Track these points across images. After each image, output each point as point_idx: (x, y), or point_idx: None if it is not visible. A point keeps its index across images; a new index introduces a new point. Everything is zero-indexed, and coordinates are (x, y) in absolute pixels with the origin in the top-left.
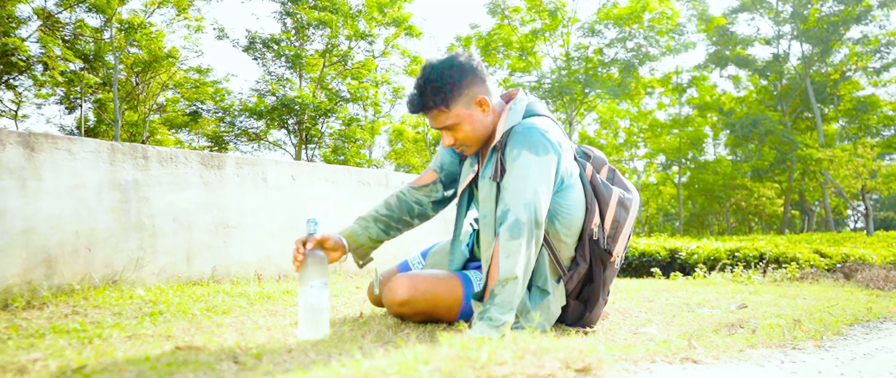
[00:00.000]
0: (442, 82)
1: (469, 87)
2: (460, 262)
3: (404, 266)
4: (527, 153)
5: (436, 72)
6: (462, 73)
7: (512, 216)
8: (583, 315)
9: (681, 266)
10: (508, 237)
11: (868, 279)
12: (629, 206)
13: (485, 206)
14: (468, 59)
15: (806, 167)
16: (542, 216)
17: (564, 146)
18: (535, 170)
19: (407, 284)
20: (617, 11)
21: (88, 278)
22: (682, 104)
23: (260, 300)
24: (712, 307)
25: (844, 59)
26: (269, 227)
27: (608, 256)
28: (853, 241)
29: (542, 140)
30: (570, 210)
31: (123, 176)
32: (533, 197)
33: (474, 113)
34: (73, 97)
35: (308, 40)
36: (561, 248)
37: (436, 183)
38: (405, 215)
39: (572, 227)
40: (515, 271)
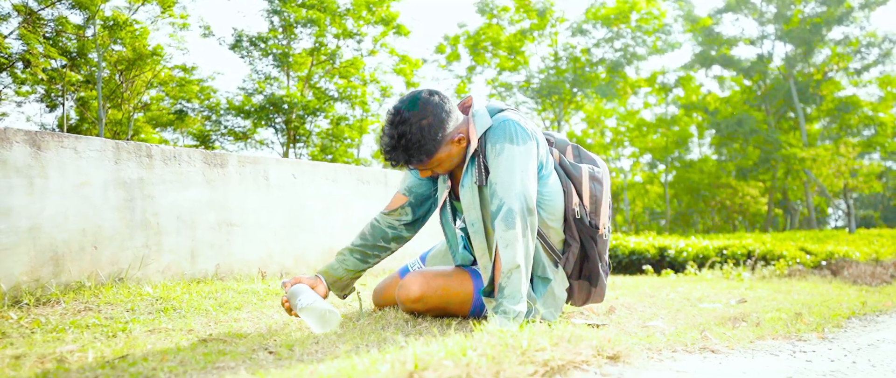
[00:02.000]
0: (421, 142)
1: (446, 133)
2: (463, 261)
3: (405, 270)
4: (509, 145)
5: (413, 130)
6: (439, 123)
7: (505, 207)
8: (590, 291)
9: (670, 263)
10: (504, 228)
11: (855, 275)
12: (601, 178)
13: (470, 214)
14: (439, 103)
15: (789, 166)
16: (532, 203)
17: (538, 134)
18: (520, 159)
19: (420, 281)
20: (605, 11)
21: (95, 275)
22: (668, 104)
23: (269, 296)
24: (713, 302)
25: (826, 60)
26: (271, 225)
27: (596, 231)
28: (836, 239)
29: (518, 130)
30: (552, 196)
31: (128, 174)
32: (521, 186)
33: (453, 150)
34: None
35: (296, 39)
36: (550, 234)
37: (404, 207)
38: (380, 242)
39: (555, 212)
40: (516, 260)
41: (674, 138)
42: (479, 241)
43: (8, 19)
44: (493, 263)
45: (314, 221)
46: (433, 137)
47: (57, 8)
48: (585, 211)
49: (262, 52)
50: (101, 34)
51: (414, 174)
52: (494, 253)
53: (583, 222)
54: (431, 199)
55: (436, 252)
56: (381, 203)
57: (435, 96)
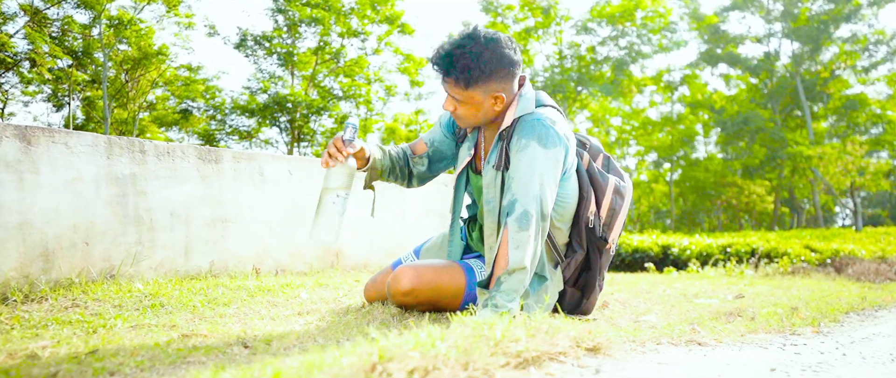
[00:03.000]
0: (474, 64)
1: (496, 80)
2: (458, 253)
3: (397, 265)
4: (535, 145)
5: (476, 50)
6: (498, 64)
7: (520, 207)
8: (580, 302)
9: (674, 261)
10: (517, 228)
11: (859, 273)
12: (625, 193)
13: (488, 192)
14: (512, 52)
15: (796, 165)
16: (548, 209)
17: (571, 140)
18: (543, 162)
19: (411, 274)
20: (610, 9)
21: (86, 272)
22: (673, 102)
23: (260, 293)
24: (710, 297)
25: (834, 58)
26: (266, 221)
27: (604, 243)
28: (842, 237)
29: (550, 132)
30: (564, 198)
31: (121, 170)
32: (540, 190)
33: (486, 103)
34: (61, 95)
35: (300, 37)
36: (556, 235)
37: (422, 157)
38: (404, 167)
39: (565, 214)
40: (524, 262)
41: (679, 137)
42: (491, 221)
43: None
44: (494, 258)
45: (311, 217)
46: (488, 69)
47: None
48: (600, 222)
49: (267, 51)
50: (107, 33)
51: (443, 131)
52: (500, 247)
53: (594, 232)
54: (447, 160)
55: (430, 245)
56: (378, 200)
57: (513, 46)
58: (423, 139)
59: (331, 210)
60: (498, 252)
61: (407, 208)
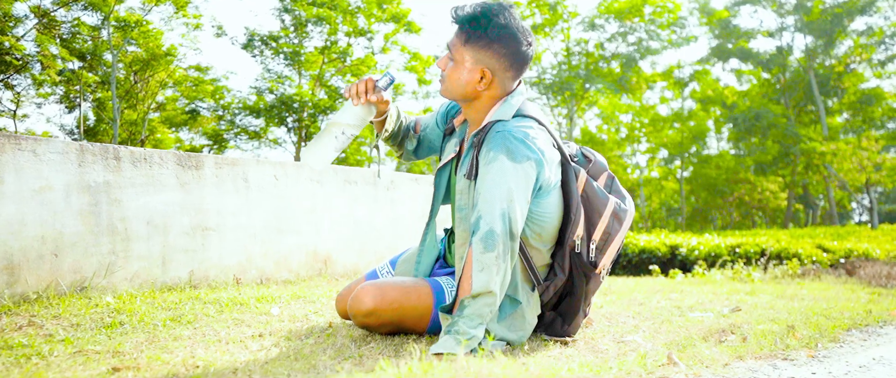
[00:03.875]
0: (482, 21)
1: (494, 54)
2: (427, 267)
3: (372, 275)
4: (504, 158)
5: (493, 12)
6: (504, 39)
7: (485, 225)
8: (561, 327)
9: (681, 262)
10: (482, 249)
11: (871, 276)
12: (624, 217)
13: (461, 199)
14: (524, 44)
15: (809, 161)
16: (517, 227)
17: (549, 155)
18: (512, 177)
19: (373, 293)
20: (617, 5)
21: (55, 285)
22: (684, 98)
23: (231, 307)
24: (704, 310)
25: (848, 51)
26: (249, 229)
27: (592, 269)
28: (857, 235)
29: (520, 146)
30: (541, 217)
31: (94, 177)
32: (508, 206)
33: (472, 73)
34: (73, 96)
35: (307, 37)
36: (534, 255)
37: (414, 137)
38: (403, 139)
39: (544, 234)
40: (490, 286)
41: (690, 134)
42: (463, 229)
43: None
44: (458, 281)
45: (298, 223)
46: (492, 34)
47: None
48: (589, 245)
49: (274, 51)
50: (116, 35)
51: (436, 121)
52: (464, 269)
53: (580, 257)
54: (431, 149)
55: (407, 256)
56: (369, 204)
57: (528, 40)
58: (421, 121)
59: (330, 141)
60: (462, 274)
61: (400, 210)
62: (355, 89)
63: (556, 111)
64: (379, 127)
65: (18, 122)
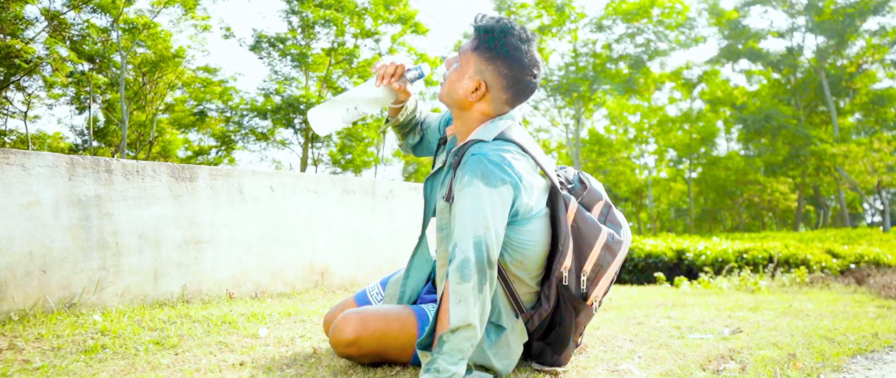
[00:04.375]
0: (494, 34)
1: (494, 69)
2: (414, 291)
3: (361, 295)
4: (478, 183)
5: (510, 32)
6: (509, 57)
7: (460, 254)
8: (550, 357)
9: (688, 268)
10: (458, 279)
11: (881, 286)
12: (617, 249)
13: (441, 218)
14: (528, 72)
15: (820, 163)
16: (494, 254)
17: (527, 180)
18: (487, 202)
19: (355, 322)
20: (625, 7)
21: (43, 303)
22: (693, 99)
23: (218, 327)
24: (705, 331)
25: (861, 52)
26: (244, 241)
27: (583, 301)
28: (869, 239)
29: (496, 170)
30: (522, 246)
31: (84, 191)
32: (484, 233)
33: (469, 84)
34: (83, 97)
35: (314, 38)
36: (517, 286)
37: (419, 133)
38: (412, 130)
39: (525, 261)
40: (469, 319)
41: (699, 135)
42: (444, 249)
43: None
44: (436, 312)
45: (295, 235)
46: (498, 48)
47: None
48: (578, 277)
49: (281, 52)
50: (124, 37)
51: (438, 126)
52: (442, 301)
53: (568, 290)
54: (428, 149)
55: (397, 278)
56: (366, 214)
57: (533, 72)
58: (429, 119)
59: (340, 112)
60: (440, 307)
61: (398, 221)
62: (383, 70)
63: (563, 112)
64: (393, 113)
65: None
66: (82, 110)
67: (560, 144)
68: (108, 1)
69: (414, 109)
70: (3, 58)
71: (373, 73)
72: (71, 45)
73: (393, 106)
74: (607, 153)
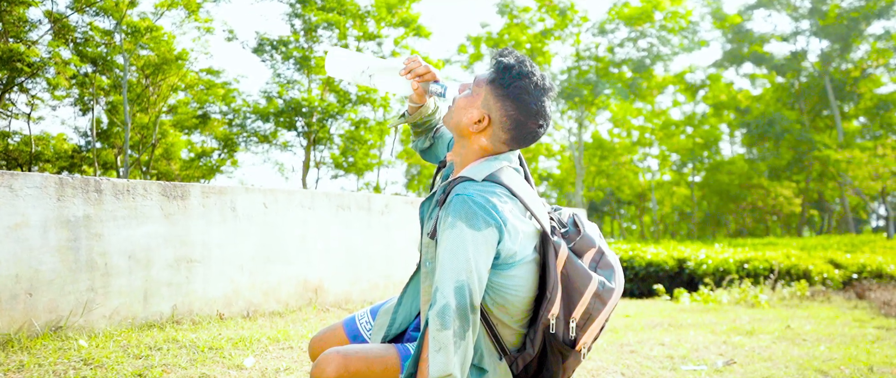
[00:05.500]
0: (514, 76)
1: (502, 107)
2: (404, 321)
3: (350, 322)
4: (462, 225)
5: (527, 76)
6: (520, 99)
7: (441, 299)
8: None
9: (689, 277)
10: (439, 326)
11: (881, 302)
12: (607, 298)
13: (427, 253)
14: (530, 115)
15: (824, 168)
16: (476, 299)
17: (512, 224)
18: (471, 245)
19: (337, 362)
20: (628, 11)
21: (28, 326)
22: (696, 102)
23: (204, 356)
24: (698, 362)
25: (865, 56)
26: (237, 260)
27: (570, 348)
28: (872, 246)
29: (480, 212)
30: (506, 289)
31: (73, 212)
32: (466, 277)
33: (475, 113)
34: (87, 99)
35: (317, 41)
36: (502, 331)
37: (430, 138)
38: (428, 131)
39: (508, 306)
40: (449, 367)
41: (703, 139)
42: (427, 285)
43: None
44: (416, 355)
45: (288, 252)
46: (511, 87)
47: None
48: (567, 324)
49: (284, 55)
50: (127, 39)
51: (448, 143)
52: (422, 348)
53: (556, 336)
54: (435, 158)
55: (388, 307)
56: (362, 229)
57: (539, 122)
58: (443, 128)
59: (356, 68)
60: (419, 354)
61: (394, 235)
62: (413, 65)
63: (565, 116)
64: (410, 111)
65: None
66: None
67: (563, 148)
68: (112, 4)
69: (432, 114)
70: (7, 61)
71: (404, 64)
72: (74, 47)
73: (412, 104)
74: (610, 157)
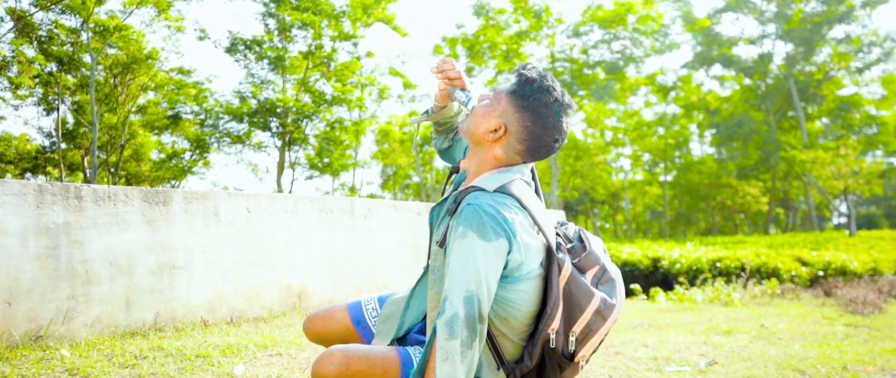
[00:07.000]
0: (534, 90)
1: (519, 117)
2: (412, 321)
3: (356, 306)
4: (473, 235)
5: (548, 91)
6: (535, 113)
7: (450, 309)
8: None
9: (663, 276)
10: (447, 335)
11: (848, 300)
12: (608, 314)
13: (435, 260)
14: (546, 128)
15: (790, 167)
16: (484, 309)
17: (522, 238)
18: (481, 256)
19: (339, 361)
20: (602, 14)
21: (7, 336)
22: (668, 103)
23: (192, 364)
24: (681, 363)
25: (828, 59)
26: (220, 265)
27: (569, 361)
28: (836, 243)
29: (491, 222)
30: (509, 302)
31: (53, 219)
32: (476, 288)
33: (493, 122)
34: (51, 98)
35: (291, 41)
36: (502, 343)
37: (450, 139)
38: (449, 131)
39: (510, 319)
40: (456, 377)
41: (674, 140)
42: (436, 292)
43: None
44: (422, 363)
45: (272, 257)
46: (529, 97)
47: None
48: (566, 339)
49: (257, 55)
50: (95, 38)
51: (464, 149)
52: (429, 357)
53: (555, 350)
54: (451, 161)
55: (396, 298)
56: (346, 234)
57: (553, 134)
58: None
59: (391, 51)
60: (426, 362)
61: (377, 239)
62: (447, 66)
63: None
64: (435, 109)
65: None
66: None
67: None
68: (78, 1)
69: (454, 115)
70: None
71: (438, 62)
72: (38, 45)
73: (436, 104)
74: (584, 157)
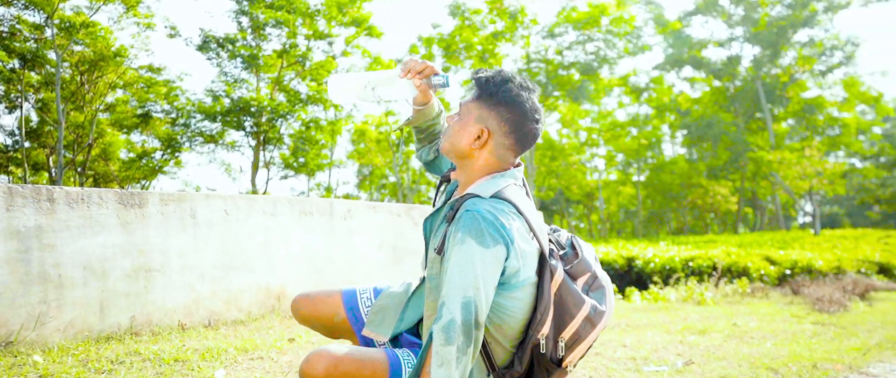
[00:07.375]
0: (495, 82)
1: (497, 116)
2: (407, 326)
3: (350, 294)
4: (471, 242)
5: (510, 80)
6: (511, 103)
7: (447, 314)
8: None
9: (637, 275)
10: (443, 341)
11: (815, 297)
12: (598, 321)
13: (431, 268)
14: (531, 120)
15: (758, 168)
16: (482, 315)
17: (519, 244)
18: (479, 262)
19: (327, 362)
20: (576, 15)
21: None
22: (640, 104)
23: (171, 368)
24: (659, 363)
25: (793, 62)
26: (197, 268)
27: (557, 366)
28: (801, 242)
29: (490, 229)
30: (504, 309)
31: (23, 222)
32: (473, 294)
33: (472, 132)
34: (14, 96)
35: (265, 40)
36: (494, 349)
37: (435, 149)
38: (433, 138)
39: (506, 330)
40: None
41: (646, 140)
42: (433, 300)
43: None
44: (417, 368)
45: (251, 259)
46: (501, 95)
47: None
48: (556, 344)
49: (230, 53)
50: (60, 35)
51: None
52: (425, 362)
53: (544, 355)
54: (438, 172)
55: (393, 293)
56: (325, 235)
57: (535, 118)
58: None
59: (357, 87)
60: (421, 367)
61: (356, 241)
62: (411, 65)
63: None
64: (415, 114)
65: None
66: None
67: None
68: None
69: (435, 117)
70: None
71: (401, 66)
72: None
73: (416, 107)
74: (559, 157)
